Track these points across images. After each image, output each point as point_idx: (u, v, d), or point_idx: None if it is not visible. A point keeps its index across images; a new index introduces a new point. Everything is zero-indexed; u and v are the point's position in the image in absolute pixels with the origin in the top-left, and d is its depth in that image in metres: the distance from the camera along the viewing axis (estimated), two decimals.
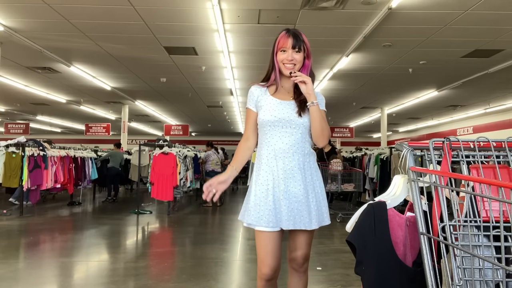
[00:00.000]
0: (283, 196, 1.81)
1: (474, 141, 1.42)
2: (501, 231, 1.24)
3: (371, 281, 1.46)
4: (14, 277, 3.61)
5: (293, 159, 1.85)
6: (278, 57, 1.90)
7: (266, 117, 1.89)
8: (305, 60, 1.91)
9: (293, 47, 1.86)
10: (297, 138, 1.88)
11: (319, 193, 1.90)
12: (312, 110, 1.84)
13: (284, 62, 1.88)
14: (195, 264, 4.09)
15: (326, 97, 2.13)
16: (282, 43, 1.88)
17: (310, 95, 1.84)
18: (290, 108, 1.90)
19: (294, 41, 1.86)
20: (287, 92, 1.95)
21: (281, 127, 1.88)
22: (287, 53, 1.87)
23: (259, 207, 1.83)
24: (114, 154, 10.13)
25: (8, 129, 17.70)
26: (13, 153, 7.55)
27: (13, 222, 6.72)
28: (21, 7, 6.04)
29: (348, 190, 7.63)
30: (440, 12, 5.95)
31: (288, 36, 1.87)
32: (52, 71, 9.81)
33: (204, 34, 7.09)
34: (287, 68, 1.87)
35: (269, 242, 1.83)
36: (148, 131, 24.66)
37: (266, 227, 1.81)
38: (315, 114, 1.85)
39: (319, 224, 1.88)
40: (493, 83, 10.56)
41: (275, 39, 1.93)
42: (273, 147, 1.87)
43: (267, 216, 1.81)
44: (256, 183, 1.88)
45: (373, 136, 26.05)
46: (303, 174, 1.85)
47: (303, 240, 1.91)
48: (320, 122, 1.85)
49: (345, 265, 4.08)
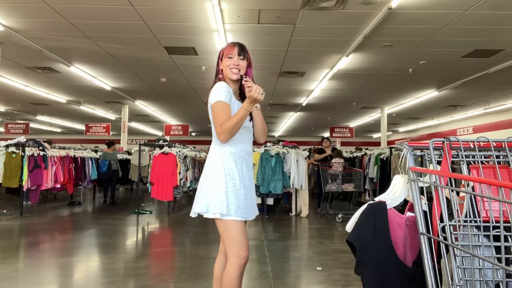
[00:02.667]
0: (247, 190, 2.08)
1: (474, 141, 1.42)
2: (501, 231, 1.24)
3: (371, 281, 1.46)
4: (14, 277, 3.61)
5: (250, 157, 2.17)
6: (224, 63, 2.13)
7: None
8: (247, 69, 2.15)
9: (239, 54, 2.11)
10: (252, 139, 2.18)
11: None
12: (255, 113, 2.13)
13: (231, 67, 2.10)
14: (195, 264, 4.10)
15: (326, 97, 2.23)
16: (229, 50, 2.12)
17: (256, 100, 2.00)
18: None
19: (239, 49, 2.11)
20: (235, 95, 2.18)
21: (245, 130, 2.11)
22: (233, 59, 2.10)
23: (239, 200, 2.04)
24: (104, 155, 9.63)
25: (8, 129, 17.70)
26: (13, 153, 7.55)
27: (13, 222, 6.72)
28: (21, 7, 6.04)
29: (348, 190, 7.63)
30: (440, 12, 5.95)
31: (234, 45, 2.12)
32: (52, 71, 9.81)
33: (204, 34, 7.09)
34: (233, 73, 2.10)
35: (243, 229, 2.07)
36: (148, 131, 24.66)
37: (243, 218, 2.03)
38: (259, 116, 2.16)
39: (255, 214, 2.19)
40: (493, 83, 10.56)
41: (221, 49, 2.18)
42: (241, 148, 2.10)
43: (246, 209, 2.05)
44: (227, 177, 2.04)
45: (373, 136, 26.06)
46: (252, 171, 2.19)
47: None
48: (262, 122, 2.17)
49: (345, 265, 4.08)
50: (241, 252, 2.01)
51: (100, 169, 9.49)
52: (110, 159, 9.51)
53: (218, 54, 2.20)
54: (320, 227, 6.70)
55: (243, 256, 2.01)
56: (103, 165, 9.43)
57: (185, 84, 11.14)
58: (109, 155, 9.57)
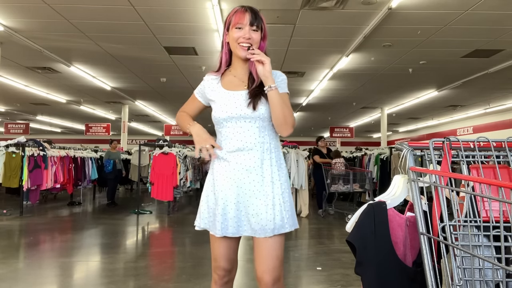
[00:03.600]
0: (235, 200, 1.63)
1: (474, 141, 1.42)
2: (501, 231, 1.24)
3: (371, 281, 1.46)
4: (14, 277, 3.61)
5: (248, 157, 1.63)
6: (232, 35, 1.64)
7: (217, 113, 1.68)
8: (261, 42, 1.66)
9: (251, 24, 1.61)
10: (254, 133, 1.64)
11: (280, 195, 1.65)
12: (271, 95, 1.59)
13: (240, 41, 1.62)
14: (195, 264, 4.09)
15: (326, 97, 2.10)
16: (238, 18, 1.62)
17: (267, 78, 1.58)
18: (243, 100, 1.65)
19: (252, 17, 1.61)
20: (241, 82, 1.70)
21: (235, 122, 1.65)
22: (243, 31, 1.61)
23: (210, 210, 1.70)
24: (107, 154, 9.42)
25: (8, 129, 17.70)
26: (13, 153, 7.55)
27: (13, 222, 6.72)
28: (21, 7, 6.04)
29: (357, 190, 7.64)
30: (440, 12, 5.95)
31: (245, 11, 1.62)
32: (52, 71, 9.81)
33: (204, 34, 7.09)
34: (243, 48, 1.61)
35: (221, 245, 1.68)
36: (148, 131, 24.66)
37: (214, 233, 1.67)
38: (275, 100, 1.59)
39: (274, 232, 1.61)
40: (493, 83, 10.56)
41: (227, 16, 1.68)
42: (227, 146, 1.66)
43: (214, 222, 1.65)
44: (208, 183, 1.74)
45: (373, 136, 26.05)
46: (260, 175, 1.63)
47: (266, 251, 1.61)
48: (281, 108, 1.59)
49: (345, 265, 4.07)
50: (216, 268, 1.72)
51: (105, 169, 9.15)
52: (114, 158, 9.23)
53: (224, 22, 1.70)
54: (320, 227, 6.70)
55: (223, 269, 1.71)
56: (108, 164, 9.11)
57: (185, 84, 11.14)
58: (112, 154, 9.28)
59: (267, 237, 1.60)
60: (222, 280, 1.72)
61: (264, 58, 1.58)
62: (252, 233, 1.62)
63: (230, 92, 1.69)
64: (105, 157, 9.35)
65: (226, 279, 1.73)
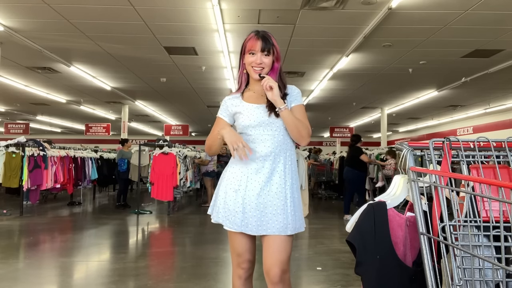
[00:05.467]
0: (257, 200, 1.77)
1: (474, 141, 1.42)
2: (501, 231, 1.24)
3: (371, 281, 1.46)
4: (14, 277, 3.61)
5: (273, 161, 1.81)
6: (246, 60, 1.86)
7: (246, 122, 1.86)
8: (274, 64, 1.87)
9: (262, 50, 1.82)
10: (279, 140, 1.84)
11: (296, 198, 1.84)
12: (283, 115, 1.80)
13: (253, 65, 1.84)
14: (195, 264, 4.09)
15: (326, 97, 2.13)
16: (250, 45, 1.83)
17: (276, 102, 1.79)
18: (264, 111, 1.86)
19: (263, 44, 1.82)
20: (260, 95, 1.89)
21: (262, 130, 1.84)
22: (255, 56, 1.82)
23: (229, 207, 1.81)
24: (120, 153, 9.25)
25: (8, 129, 17.69)
26: (13, 153, 7.55)
27: (13, 222, 6.72)
28: (21, 7, 6.04)
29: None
30: (440, 12, 5.95)
31: (257, 39, 1.82)
32: (52, 71, 9.81)
33: (204, 34, 7.09)
34: (255, 72, 1.84)
35: (243, 240, 1.83)
36: (148, 131, 24.66)
37: (230, 228, 1.80)
38: (287, 119, 1.80)
39: (294, 231, 1.80)
40: (493, 83, 10.55)
41: (244, 40, 1.88)
42: (254, 150, 1.82)
43: (234, 219, 1.78)
44: (227, 181, 1.85)
45: (373, 136, 26.05)
46: (283, 178, 1.81)
47: (278, 247, 1.77)
48: (294, 124, 1.80)
49: (345, 265, 4.07)
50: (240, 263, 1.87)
51: (119, 168, 9.03)
52: (127, 157, 9.11)
53: (241, 46, 1.90)
54: (320, 227, 6.70)
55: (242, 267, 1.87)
56: (122, 163, 9.00)
57: (185, 84, 11.14)
58: (126, 153, 9.18)
59: (281, 235, 1.76)
60: (247, 273, 1.87)
61: (272, 83, 1.77)
62: (271, 232, 1.76)
63: (253, 104, 1.89)
64: (118, 156, 9.21)
65: (251, 271, 1.89)
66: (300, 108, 1.91)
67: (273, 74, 1.87)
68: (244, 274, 1.87)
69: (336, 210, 8.87)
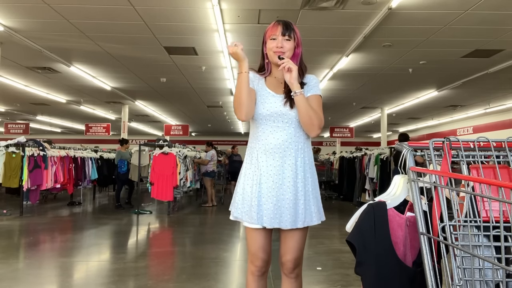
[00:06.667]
0: (270, 193, 1.79)
1: (474, 141, 1.42)
2: (501, 231, 1.24)
3: (371, 281, 1.46)
4: (14, 277, 3.61)
5: (284, 155, 1.81)
6: (268, 45, 1.87)
7: (258, 110, 1.84)
8: (295, 49, 1.88)
9: (283, 34, 1.83)
10: (289, 132, 1.83)
11: (310, 191, 1.84)
12: (296, 100, 1.78)
13: (274, 50, 1.83)
14: (195, 264, 4.10)
15: (326, 97, 2.12)
16: (272, 30, 1.85)
17: (292, 85, 1.78)
18: (281, 101, 1.85)
19: (284, 28, 1.83)
20: (279, 83, 1.90)
21: (272, 121, 1.83)
22: (276, 41, 1.83)
23: (245, 202, 1.83)
24: (119, 154, 9.22)
25: (8, 129, 17.69)
26: (13, 153, 7.55)
27: (13, 222, 6.72)
28: (21, 7, 6.04)
29: None
30: (440, 12, 5.95)
31: (278, 24, 1.85)
32: (52, 71, 9.81)
33: (204, 34, 7.08)
34: (276, 54, 1.83)
35: (258, 238, 1.85)
36: (148, 131, 24.66)
37: (250, 223, 1.82)
38: (300, 104, 1.77)
39: (304, 224, 1.82)
40: (493, 83, 10.55)
41: (265, 30, 1.90)
42: (263, 142, 1.83)
43: (250, 213, 1.80)
44: (245, 177, 1.87)
45: (373, 136, 26.05)
46: (294, 171, 1.80)
47: (292, 242, 1.86)
48: (306, 110, 1.77)
49: (345, 265, 4.07)
50: (253, 260, 1.90)
51: (119, 170, 8.93)
52: (126, 158, 9.03)
53: (263, 36, 1.92)
54: (320, 227, 6.69)
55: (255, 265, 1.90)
56: (122, 165, 8.91)
57: (185, 84, 11.14)
58: (124, 154, 9.10)
59: (292, 229, 1.81)
60: (260, 271, 1.90)
61: (292, 65, 1.78)
62: (284, 225, 1.79)
63: (272, 92, 1.88)
64: (117, 157, 9.10)
65: (264, 270, 1.92)
66: (316, 98, 1.88)
67: (295, 59, 1.88)
68: (257, 272, 1.89)
69: (336, 210, 8.87)
